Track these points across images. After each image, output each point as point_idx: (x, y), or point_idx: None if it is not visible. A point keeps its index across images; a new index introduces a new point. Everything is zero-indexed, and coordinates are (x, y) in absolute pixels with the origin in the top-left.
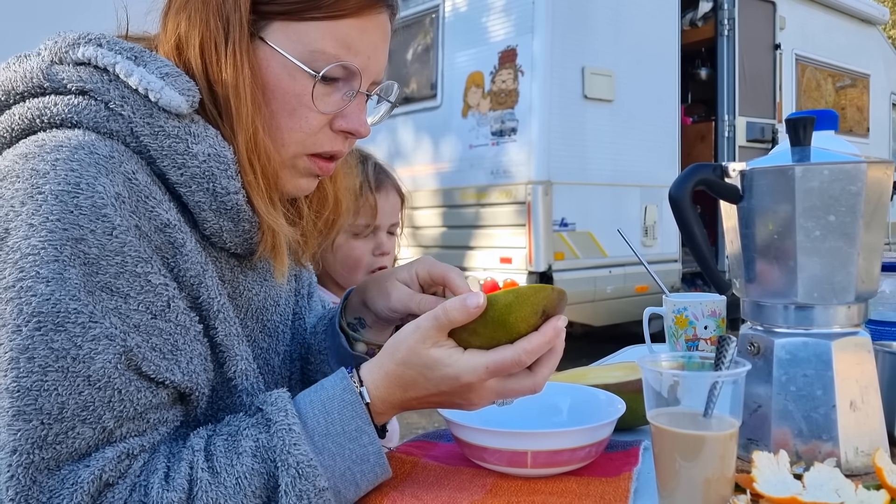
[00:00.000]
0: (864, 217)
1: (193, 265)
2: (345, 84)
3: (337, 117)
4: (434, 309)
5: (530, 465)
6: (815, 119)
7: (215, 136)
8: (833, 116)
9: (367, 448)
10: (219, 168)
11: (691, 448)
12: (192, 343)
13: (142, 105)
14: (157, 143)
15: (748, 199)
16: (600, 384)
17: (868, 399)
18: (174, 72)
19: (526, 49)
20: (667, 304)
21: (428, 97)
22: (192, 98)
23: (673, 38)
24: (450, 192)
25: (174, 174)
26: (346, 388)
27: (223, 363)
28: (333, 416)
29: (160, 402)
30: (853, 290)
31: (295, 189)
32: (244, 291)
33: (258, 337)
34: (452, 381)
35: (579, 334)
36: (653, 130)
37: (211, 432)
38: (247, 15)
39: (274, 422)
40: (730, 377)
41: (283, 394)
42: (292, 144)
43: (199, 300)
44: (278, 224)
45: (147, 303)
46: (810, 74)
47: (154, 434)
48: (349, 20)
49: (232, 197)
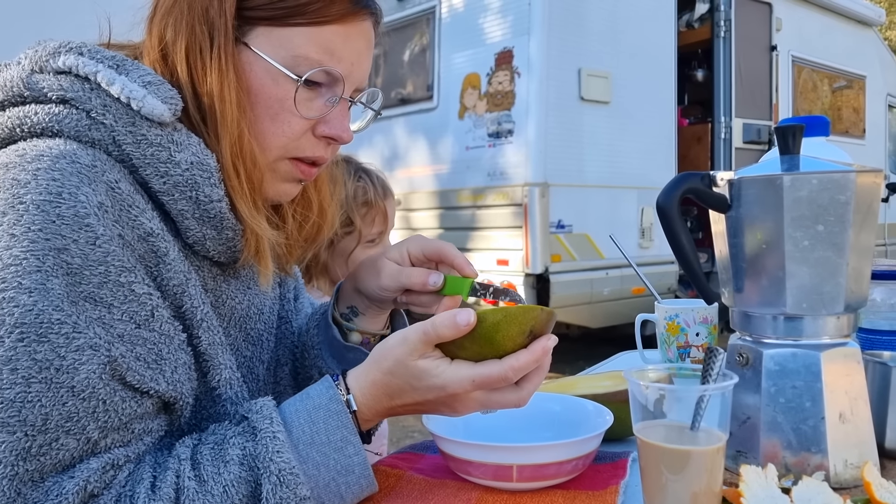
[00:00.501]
0: (854, 226)
1: (177, 274)
2: (328, 90)
3: (319, 123)
4: (423, 322)
5: (516, 478)
6: (804, 127)
7: (198, 144)
8: (824, 123)
9: (351, 459)
10: (202, 176)
11: (678, 462)
12: (177, 352)
13: (124, 114)
14: (139, 151)
15: (736, 208)
16: (589, 394)
17: (857, 411)
18: (156, 80)
19: (522, 51)
20: (658, 310)
21: (424, 99)
22: (175, 106)
23: (669, 40)
24: (446, 194)
25: (157, 183)
26: (332, 397)
27: (207, 372)
28: (319, 426)
29: (145, 411)
30: (842, 300)
31: (277, 194)
32: (227, 300)
33: (241, 345)
34: (439, 391)
35: (576, 336)
36: (649, 132)
37: (197, 441)
38: (231, 20)
39: (259, 429)
40: (717, 391)
41: (268, 402)
42: (275, 149)
43: (183, 309)
44: (262, 228)
45: (131, 312)
46: (807, 76)
47: (139, 444)
48: (333, 27)
49: (215, 205)
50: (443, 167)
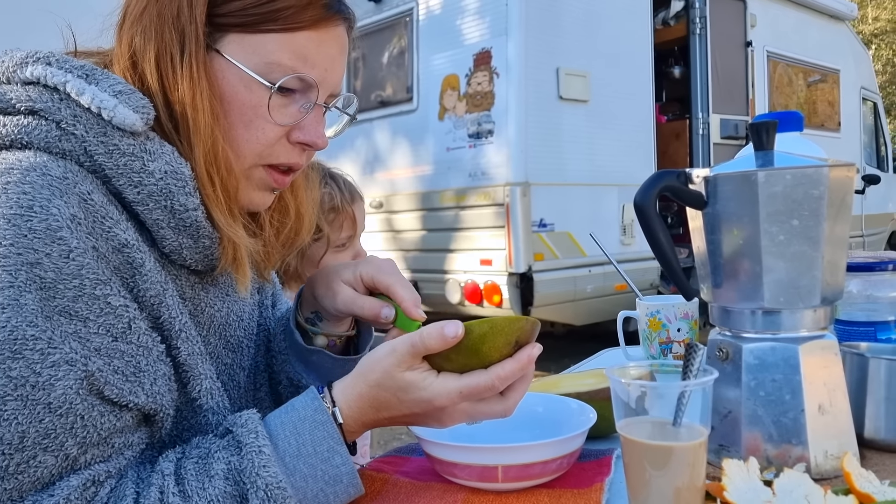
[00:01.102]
0: (828, 220)
1: (153, 285)
2: (301, 96)
3: (294, 129)
4: (411, 334)
5: (501, 479)
6: (777, 123)
7: (172, 152)
8: (798, 118)
9: (339, 469)
10: (176, 185)
11: (660, 458)
12: (156, 364)
13: (95, 124)
14: (112, 161)
15: (712, 204)
16: (572, 393)
17: (836, 402)
18: (127, 89)
19: (500, 51)
20: (640, 307)
21: (404, 101)
22: (147, 115)
23: (646, 38)
24: (428, 196)
25: (131, 193)
26: (317, 408)
27: (187, 383)
28: (305, 437)
29: (124, 425)
30: (819, 293)
31: (250, 202)
32: (206, 308)
33: (221, 353)
34: (426, 404)
35: (561, 334)
36: (628, 130)
37: (180, 455)
38: (202, 27)
39: (244, 444)
40: (697, 386)
41: (253, 415)
42: (249, 156)
43: (161, 320)
44: (238, 236)
45: (107, 325)
46: (782, 71)
47: (120, 459)
48: (306, 32)
49: (191, 213)
50: (424, 169)
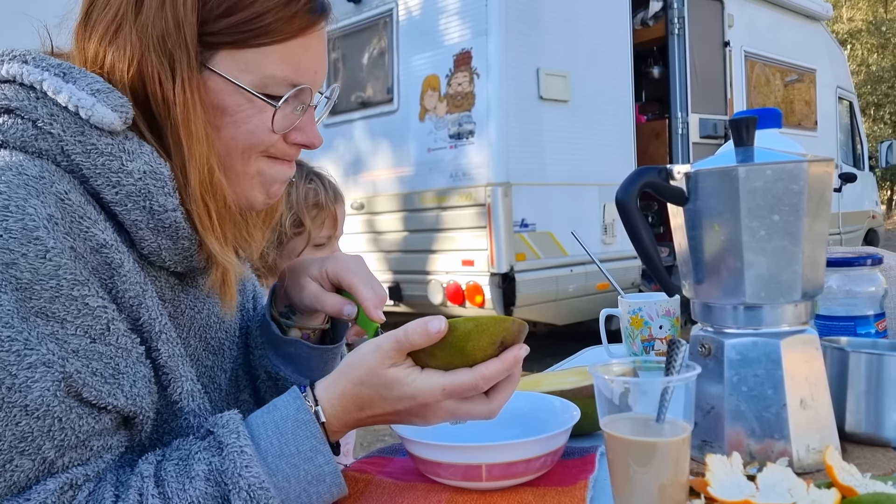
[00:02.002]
0: (808, 215)
1: (132, 286)
2: (296, 100)
3: (291, 131)
4: (395, 330)
5: (485, 478)
6: (756, 119)
7: (150, 152)
8: (776, 115)
9: (322, 468)
10: (155, 185)
11: (644, 454)
12: (135, 365)
13: (72, 122)
14: (89, 161)
15: (693, 200)
16: (555, 391)
17: (817, 396)
18: (105, 88)
19: (481, 51)
20: (622, 305)
21: (384, 102)
22: (125, 114)
23: (625, 38)
24: (410, 197)
25: (109, 193)
26: (299, 407)
27: (167, 385)
28: (287, 437)
29: (103, 428)
30: (799, 288)
31: (268, 197)
32: (186, 310)
33: (202, 355)
34: (409, 401)
35: (543, 333)
36: (609, 129)
37: (160, 457)
38: (194, 50)
39: (226, 444)
40: (679, 382)
41: (234, 415)
42: (252, 155)
43: (140, 321)
44: (230, 262)
45: (85, 326)
46: (759, 70)
47: (98, 462)
48: (295, 41)
49: (170, 214)
50: (405, 170)
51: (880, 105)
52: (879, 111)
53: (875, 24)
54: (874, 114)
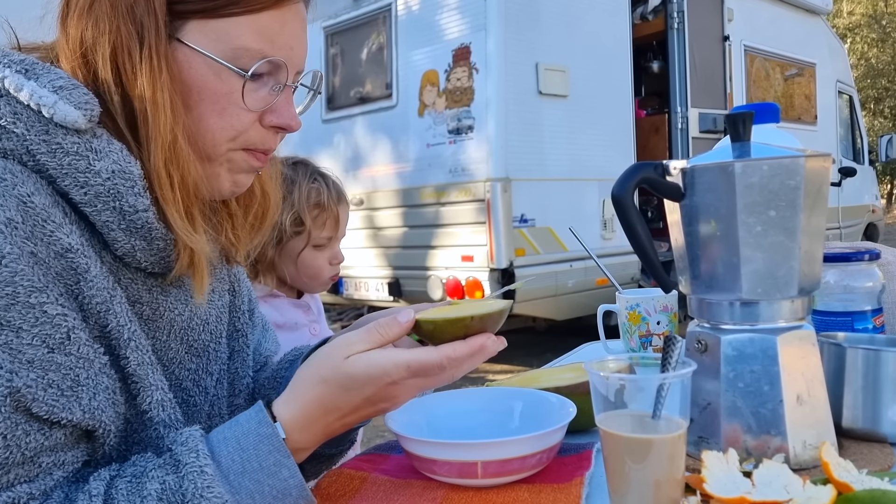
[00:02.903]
0: (805, 210)
1: (99, 291)
2: (270, 78)
3: (266, 113)
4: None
5: (481, 475)
6: (753, 114)
7: (120, 150)
8: (774, 109)
9: (287, 482)
10: (124, 185)
11: (640, 451)
12: (97, 377)
13: (36, 121)
14: (55, 161)
15: (690, 196)
16: (551, 387)
17: (814, 392)
18: (69, 84)
19: (480, 46)
20: (619, 300)
21: (383, 97)
22: (91, 112)
23: (624, 33)
24: (409, 192)
25: (77, 193)
26: (261, 421)
27: (137, 394)
28: (249, 453)
29: (55, 443)
30: (796, 283)
31: (234, 185)
32: (165, 312)
33: (184, 358)
34: (377, 381)
35: (543, 329)
36: (608, 124)
37: (114, 473)
38: (163, 18)
39: (184, 463)
40: (676, 378)
41: (194, 432)
42: (224, 143)
43: (108, 328)
44: (194, 240)
45: (43, 335)
46: (759, 65)
47: (47, 479)
48: (269, 12)
49: (141, 215)
50: (404, 165)
51: (880, 99)
52: (879, 105)
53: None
54: (874, 108)
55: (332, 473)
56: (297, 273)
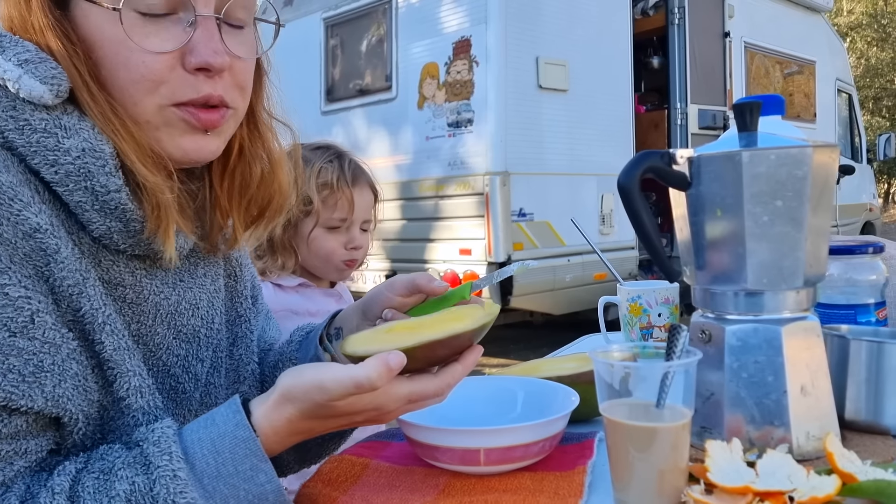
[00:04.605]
0: (811, 201)
1: (71, 273)
2: (184, 14)
3: (185, 55)
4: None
5: (483, 462)
6: (761, 104)
7: (91, 128)
8: (779, 101)
9: (264, 487)
10: (95, 164)
11: (644, 439)
12: (65, 362)
13: (3, 96)
14: (23, 138)
15: (696, 185)
16: (553, 377)
17: (818, 383)
18: (36, 58)
19: (480, 39)
20: (621, 292)
21: (383, 89)
22: (58, 86)
23: (625, 28)
24: (408, 185)
25: (48, 172)
26: (238, 423)
27: (113, 381)
28: (225, 456)
29: (15, 431)
30: (801, 274)
31: (182, 152)
32: (151, 296)
33: (172, 343)
34: (373, 412)
35: (540, 323)
36: (607, 119)
37: (81, 466)
38: None
39: (156, 466)
40: (681, 367)
41: (167, 430)
42: (145, 97)
43: (81, 312)
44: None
45: (4, 319)
46: (759, 62)
47: (7, 469)
48: None
49: (113, 196)
50: (403, 158)
51: (879, 98)
52: (878, 104)
53: (875, 18)
54: (872, 107)
55: (333, 459)
56: (309, 255)
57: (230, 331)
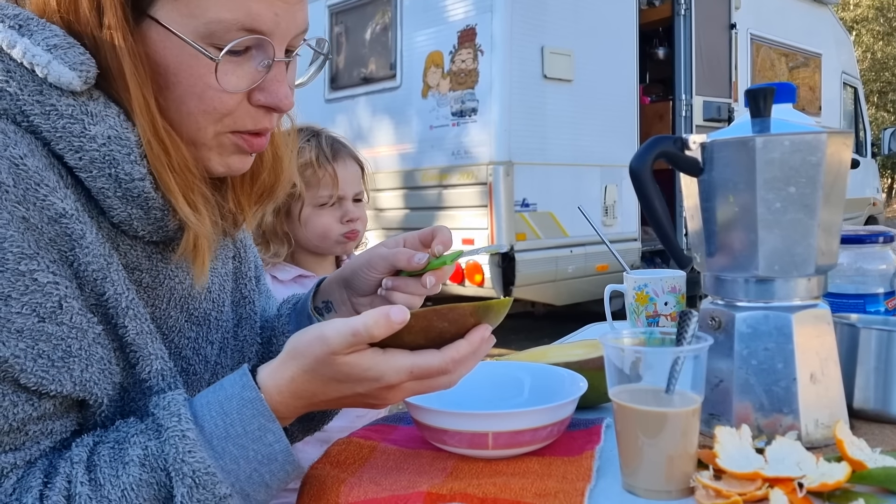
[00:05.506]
0: (824, 188)
1: (96, 258)
2: (258, 52)
3: (255, 91)
4: (352, 320)
5: (491, 446)
6: (774, 90)
7: (117, 115)
8: (791, 89)
9: (272, 447)
10: (120, 152)
11: (653, 425)
12: (91, 347)
13: (30, 80)
14: (49, 123)
15: (708, 171)
16: (561, 362)
17: (828, 371)
18: (64, 43)
19: (485, 28)
20: (627, 280)
21: (387, 78)
22: (87, 73)
23: (631, 18)
24: (411, 174)
25: (72, 158)
26: (245, 384)
27: (136, 364)
28: (233, 417)
29: (43, 413)
30: (813, 262)
31: (227, 168)
32: (165, 280)
33: (184, 327)
34: (373, 382)
35: (541, 314)
36: (612, 110)
37: (97, 439)
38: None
39: (165, 427)
40: (691, 352)
41: (177, 396)
42: (209, 126)
43: (105, 296)
44: (201, 227)
45: (33, 304)
46: (765, 54)
47: (34, 448)
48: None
49: (137, 184)
50: (407, 147)
51: (884, 92)
52: (883, 98)
53: (881, 11)
54: (878, 101)
55: (341, 442)
56: (307, 235)
57: (235, 312)
